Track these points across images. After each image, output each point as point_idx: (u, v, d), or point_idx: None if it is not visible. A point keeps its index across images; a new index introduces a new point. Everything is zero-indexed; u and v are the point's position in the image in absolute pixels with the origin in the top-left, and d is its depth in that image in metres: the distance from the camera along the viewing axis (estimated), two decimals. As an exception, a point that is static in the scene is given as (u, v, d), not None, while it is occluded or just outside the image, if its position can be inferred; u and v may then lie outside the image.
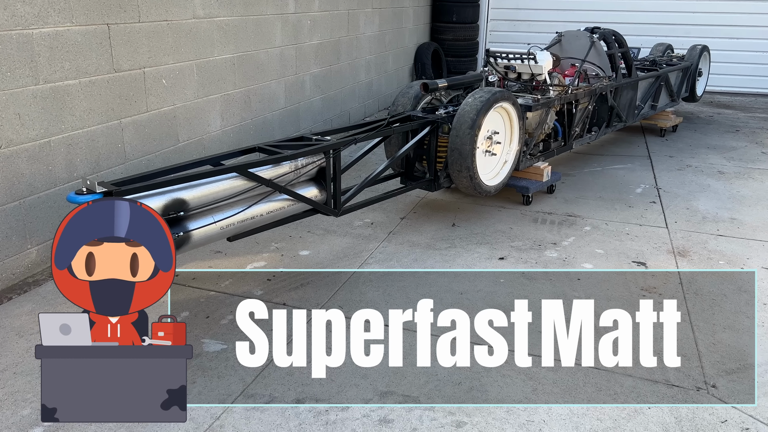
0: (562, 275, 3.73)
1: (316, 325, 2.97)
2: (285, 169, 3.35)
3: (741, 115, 8.60)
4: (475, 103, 4.17)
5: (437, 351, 2.79)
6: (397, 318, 2.81)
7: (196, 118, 4.75)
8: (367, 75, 7.89)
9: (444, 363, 2.79)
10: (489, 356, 2.83)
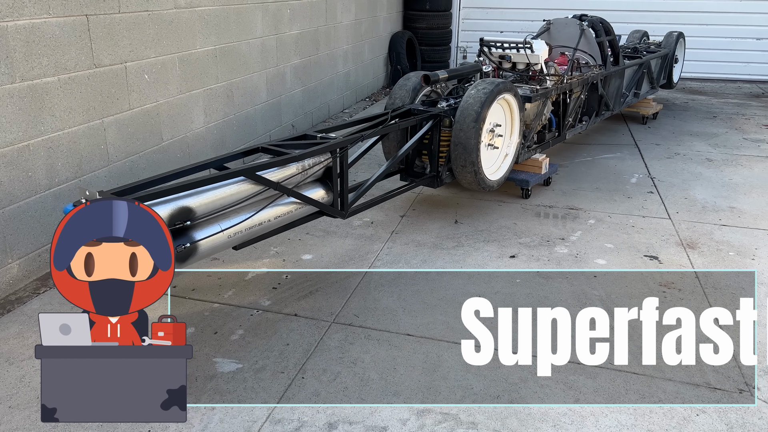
0: (577, 273, 3.61)
1: (348, 339, 2.79)
2: (292, 170, 3.12)
3: (714, 101, 8.68)
4: (479, 95, 4.00)
5: (466, 361, 2.64)
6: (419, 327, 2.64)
7: (180, 114, 4.46)
8: (345, 65, 7.65)
9: (477, 374, 2.64)
10: (529, 365, 2.69)
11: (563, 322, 2.92)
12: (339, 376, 2.63)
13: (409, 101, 4.30)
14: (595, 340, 2.91)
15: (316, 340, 2.90)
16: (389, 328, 3.01)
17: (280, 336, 2.92)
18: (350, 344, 2.87)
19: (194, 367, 2.66)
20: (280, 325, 3.02)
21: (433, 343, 2.89)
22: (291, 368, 2.68)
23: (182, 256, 2.69)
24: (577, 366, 2.72)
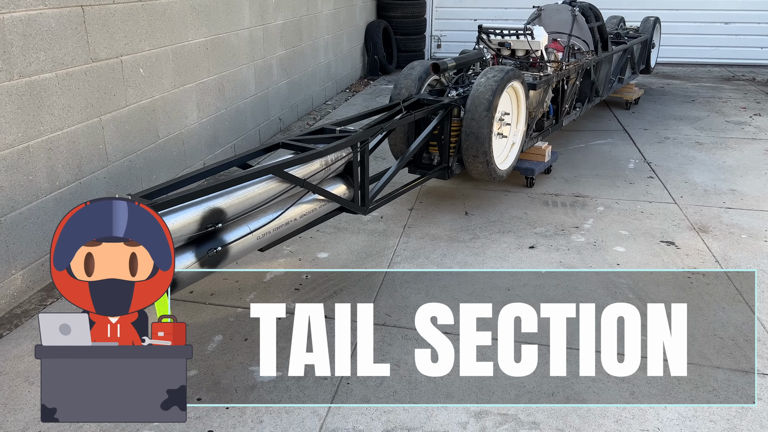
0: (600, 261, 3.58)
1: (377, 341, 2.68)
2: (316, 166, 2.98)
3: (689, 85, 8.81)
4: (489, 84, 3.92)
5: (502, 356, 2.56)
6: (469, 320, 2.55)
7: (174, 110, 4.25)
8: (326, 56, 7.48)
9: (526, 372, 2.56)
10: (576, 360, 2.62)
11: (602, 316, 2.87)
12: (385, 380, 2.52)
13: (416, 91, 4.19)
14: (643, 333, 2.88)
15: (353, 343, 2.77)
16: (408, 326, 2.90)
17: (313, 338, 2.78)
18: (389, 345, 2.76)
19: (231, 378, 2.52)
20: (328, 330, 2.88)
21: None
22: (333, 374, 2.55)
23: (214, 260, 2.53)
24: (623, 358, 2.67)
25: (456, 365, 2.57)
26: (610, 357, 2.58)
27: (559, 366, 2.46)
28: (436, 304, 2.51)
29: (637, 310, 2.45)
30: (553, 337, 2.51)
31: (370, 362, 2.56)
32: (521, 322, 2.58)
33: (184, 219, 2.36)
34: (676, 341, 2.39)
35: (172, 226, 2.31)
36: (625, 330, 2.41)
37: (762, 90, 8.47)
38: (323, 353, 2.58)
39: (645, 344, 2.40)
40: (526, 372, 2.50)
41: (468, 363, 2.48)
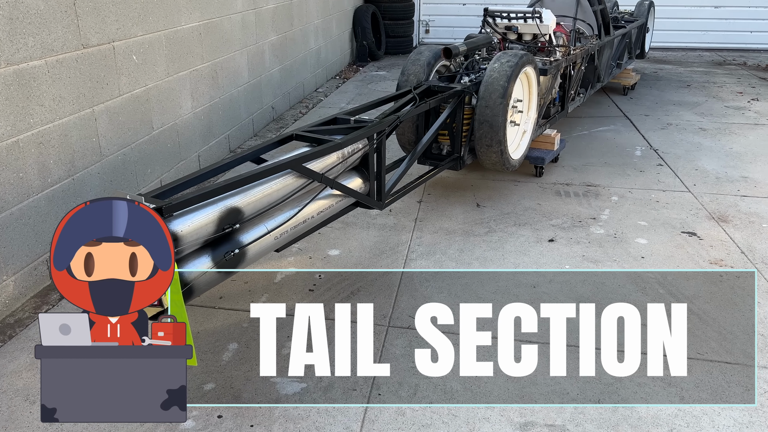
0: (623, 254, 3.43)
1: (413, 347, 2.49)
2: (333, 159, 2.78)
3: (682, 70, 8.72)
4: (504, 69, 3.73)
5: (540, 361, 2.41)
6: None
7: (168, 99, 4.00)
8: (316, 42, 7.23)
9: (567, 376, 2.40)
10: (618, 363, 2.48)
11: (632, 317, 2.73)
12: (419, 389, 2.35)
13: (425, 77, 3.99)
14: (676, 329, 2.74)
15: (378, 348, 2.60)
16: (452, 329, 2.73)
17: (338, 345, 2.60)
18: (416, 350, 2.58)
19: (253, 391, 2.32)
20: (332, 332, 2.69)
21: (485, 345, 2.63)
22: (361, 383, 2.38)
23: (231, 263, 2.32)
24: (666, 359, 2.53)
25: (495, 370, 2.40)
26: (656, 360, 2.44)
27: (608, 365, 2.31)
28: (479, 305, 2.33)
29: (684, 307, 2.31)
30: (583, 337, 2.37)
31: (402, 371, 2.39)
32: (549, 322, 2.43)
33: (200, 220, 2.15)
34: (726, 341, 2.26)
35: (188, 227, 2.11)
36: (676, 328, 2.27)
37: (755, 74, 8.42)
38: (345, 358, 2.40)
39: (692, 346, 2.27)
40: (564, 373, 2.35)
41: (507, 365, 2.31)
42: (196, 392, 2.32)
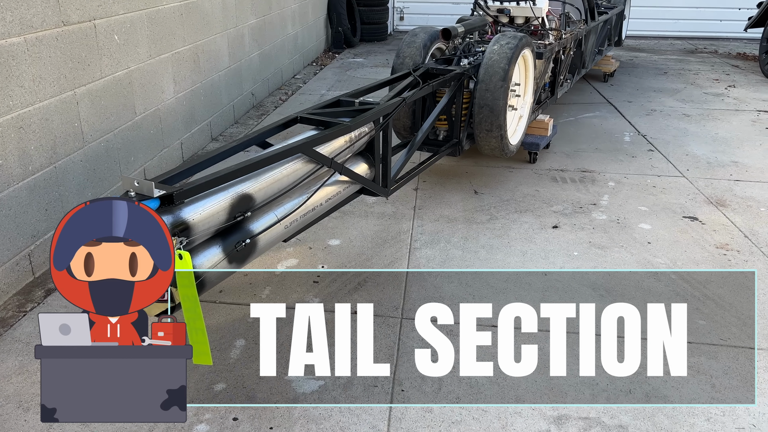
0: (629, 240, 3.37)
1: (436, 345, 2.37)
2: (341, 143, 2.63)
3: (656, 58, 8.78)
4: (504, 51, 3.62)
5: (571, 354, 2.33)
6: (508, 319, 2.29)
7: (150, 83, 3.78)
8: (293, 27, 7.02)
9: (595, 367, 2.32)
10: (644, 353, 2.40)
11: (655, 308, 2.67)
12: (443, 384, 2.23)
13: (421, 60, 3.85)
14: (697, 317, 2.68)
15: (394, 342, 2.47)
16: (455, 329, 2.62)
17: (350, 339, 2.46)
18: (435, 343, 2.45)
19: (268, 391, 2.17)
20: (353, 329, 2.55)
21: (517, 333, 2.53)
22: (382, 380, 2.25)
23: (242, 255, 2.16)
24: (693, 346, 2.47)
25: (525, 364, 2.30)
26: (678, 348, 2.37)
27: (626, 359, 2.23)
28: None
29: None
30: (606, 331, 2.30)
31: (425, 363, 2.27)
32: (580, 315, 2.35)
33: (211, 207, 1.99)
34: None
35: (200, 215, 1.94)
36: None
37: (727, 62, 8.52)
38: (368, 355, 2.27)
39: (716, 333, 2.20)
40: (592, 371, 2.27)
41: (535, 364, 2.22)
42: (207, 393, 2.15)
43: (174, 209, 1.88)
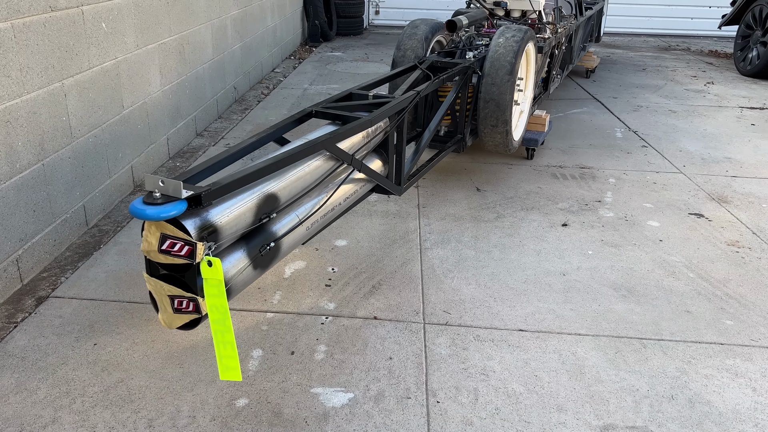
0: (641, 237, 3.31)
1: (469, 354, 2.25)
2: (358, 138, 2.48)
3: (633, 55, 8.83)
4: (510, 44, 3.52)
5: (610, 357, 2.25)
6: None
7: (138, 75, 3.55)
8: (272, 19, 6.81)
9: (629, 371, 2.24)
10: (678, 354, 2.33)
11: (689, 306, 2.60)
12: (480, 395, 2.11)
13: (423, 53, 3.72)
14: (723, 317, 2.63)
15: (420, 349, 2.33)
16: (494, 324, 2.51)
17: (374, 348, 2.32)
18: (464, 350, 2.34)
19: (294, 405, 2.01)
20: (364, 332, 2.42)
21: (557, 338, 2.43)
22: (415, 390, 2.11)
23: (266, 260, 2.00)
24: (724, 347, 2.40)
25: (551, 371, 2.20)
26: (712, 349, 2.31)
27: (669, 356, 2.16)
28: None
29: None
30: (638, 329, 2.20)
31: (457, 372, 2.14)
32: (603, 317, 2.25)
33: (238, 209, 1.82)
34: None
35: (228, 218, 1.77)
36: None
37: (701, 59, 8.62)
38: (396, 364, 2.14)
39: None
40: (625, 366, 2.18)
41: (566, 360, 2.12)
42: (228, 410, 1.99)
43: (201, 211, 1.71)
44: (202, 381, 2.12)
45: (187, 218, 1.66)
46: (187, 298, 1.72)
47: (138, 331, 2.37)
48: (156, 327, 2.39)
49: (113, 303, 2.54)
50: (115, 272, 2.77)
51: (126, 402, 2.01)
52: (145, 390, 2.07)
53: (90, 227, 3.13)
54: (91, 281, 2.69)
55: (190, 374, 2.15)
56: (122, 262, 2.86)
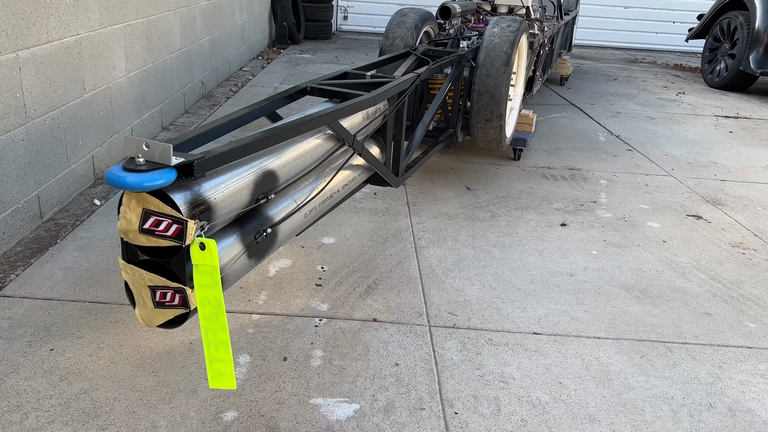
0: (643, 238, 3.14)
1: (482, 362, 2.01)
2: (359, 119, 2.23)
3: (602, 66, 8.84)
4: (505, 34, 3.33)
5: (635, 364, 2.05)
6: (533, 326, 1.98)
7: (102, 56, 3.23)
8: (241, 15, 6.51)
9: (656, 375, 2.03)
10: (706, 358, 2.14)
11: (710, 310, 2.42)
12: (501, 404, 1.86)
13: (413, 41, 3.50)
14: (745, 319, 2.45)
15: (429, 354, 2.08)
16: (506, 326, 2.27)
17: (377, 353, 2.06)
18: (477, 354, 2.09)
19: (291, 419, 1.73)
20: (364, 336, 2.15)
21: (576, 342, 2.21)
22: (428, 400, 1.85)
23: (262, 249, 1.72)
24: (753, 351, 2.22)
25: (575, 377, 1.98)
26: (742, 352, 2.13)
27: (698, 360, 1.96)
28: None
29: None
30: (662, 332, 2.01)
31: (471, 380, 1.90)
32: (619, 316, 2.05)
33: (234, 185, 1.54)
34: None
35: (223, 194, 1.50)
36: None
37: (668, 72, 8.68)
38: (404, 371, 1.89)
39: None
40: (651, 371, 1.98)
41: (590, 366, 1.90)
42: (215, 425, 1.69)
43: (192, 184, 1.42)
44: (182, 391, 1.81)
45: (176, 191, 1.37)
46: (173, 289, 1.43)
47: (103, 334, 2.05)
48: (124, 330, 2.07)
49: (73, 303, 2.21)
50: (75, 269, 2.43)
51: (90, 417, 1.69)
52: (113, 402, 1.75)
53: (45, 220, 2.78)
54: (47, 279, 2.35)
55: (166, 383, 1.84)
56: (83, 258, 2.52)
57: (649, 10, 10.23)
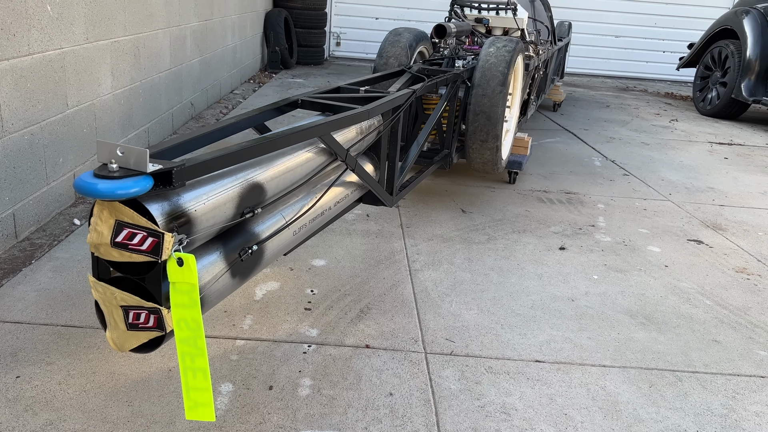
0: (644, 262, 3.04)
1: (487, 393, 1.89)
2: (353, 134, 2.13)
3: (594, 93, 8.85)
4: (501, 54, 3.27)
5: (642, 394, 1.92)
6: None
7: (86, 71, 3.13)
8: (233, 38, 6.46)
9: (665, 406, 1.91)
10: (716, 387, 2.02)
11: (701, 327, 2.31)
12: (504, 437, 1.73)
13: (407, 60, 3.43)
14: (755, 347, 2.34)
15: (425, 383, 1.95)
16: (506, 354, 2.15)
17: (370, 381, 1.92)
18: (476, 384, 1.96)
19: (277, 454, 1.58)
20: (355, 363, 2.01)
21: (580, 370, 2.09)
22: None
23: (246, 268, 1.60)
24: (765, 381, 2.11)
25: (581, 407, 1.85)
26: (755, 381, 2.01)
27: (709, 390, 1.84)
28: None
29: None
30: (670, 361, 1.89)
31: (470, 412, 1.77)
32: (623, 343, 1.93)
33: (217, 197, 1.43)
34: None
35: (205, 206, 1.38)
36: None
37: (659, 100, 8.70)
38: (399, 403, 1.75)
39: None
40: (661, 401, 1.85)
41: (596, 395, 1.77)
42: (192, 460, 1.54)
43: (170, 194, 1.31)
44: (157, 423, 1.67)
45: (153, 201, 1.25)
46: (147, 310, 1.30)
47: (74, 360, 1.90)
48: (98, 355, 1.93)
49: (44, 327, 2.06)
50: (48, 291, 2.29)
51: (56, 451, 1.54)
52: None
53: (20, 240, 2.64)
54: (18, 301, 2.20)
55: (141, 414, 1.69)
56: (58, 280, 2.38)
57: (639, 40, 10.31)
